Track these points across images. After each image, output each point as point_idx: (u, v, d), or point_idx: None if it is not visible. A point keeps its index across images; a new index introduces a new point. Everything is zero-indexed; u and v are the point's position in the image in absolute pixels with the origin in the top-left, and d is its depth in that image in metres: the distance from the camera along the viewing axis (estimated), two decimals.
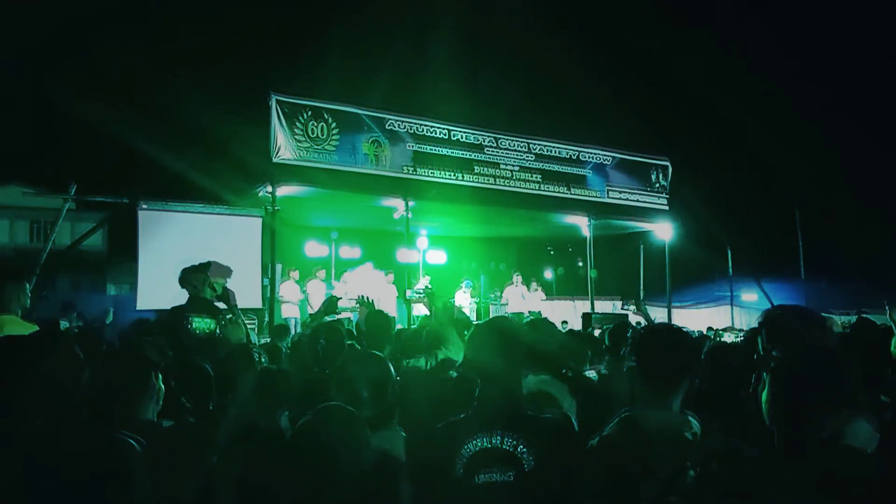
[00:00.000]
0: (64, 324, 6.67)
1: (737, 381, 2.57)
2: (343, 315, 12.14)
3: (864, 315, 7.35)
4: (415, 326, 9.18)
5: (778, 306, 2.88)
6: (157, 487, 2.11)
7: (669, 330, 2.65)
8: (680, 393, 2.28)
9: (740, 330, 12.95)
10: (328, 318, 4.22)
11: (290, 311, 12.65)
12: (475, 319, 15.46)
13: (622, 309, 15.62)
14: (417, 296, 13.23)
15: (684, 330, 2.78)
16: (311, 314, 12.49)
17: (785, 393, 1.92)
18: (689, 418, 2.23)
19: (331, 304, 3.87)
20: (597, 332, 7.55)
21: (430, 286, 12.79)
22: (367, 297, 4.30)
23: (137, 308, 10.99)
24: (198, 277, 4.75)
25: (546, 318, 5.24)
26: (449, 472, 2.23)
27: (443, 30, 18.32)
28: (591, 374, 4.91)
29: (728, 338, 11.25)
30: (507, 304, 15.98)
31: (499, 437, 2.24)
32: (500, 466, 2.21)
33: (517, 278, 15.84)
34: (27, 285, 4.60)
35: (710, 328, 12.91)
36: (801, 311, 2.75)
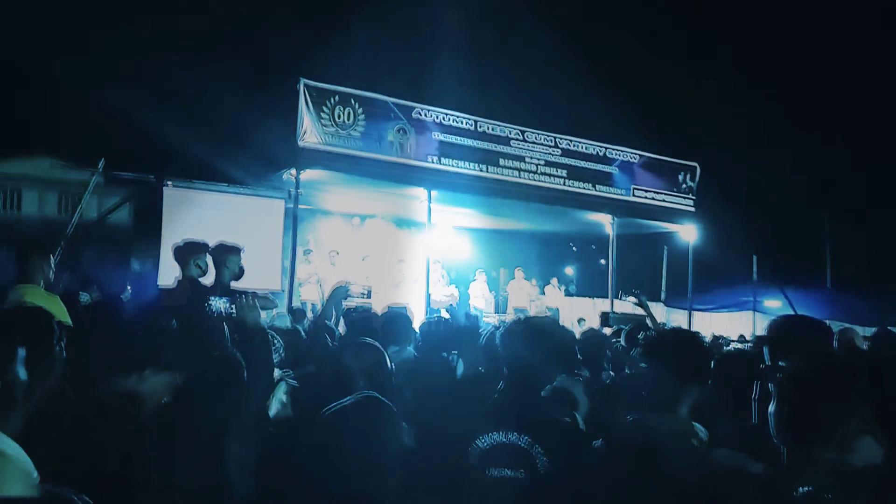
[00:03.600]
0: (84, 297, 6.76)
1: (744, 391, 2.53)
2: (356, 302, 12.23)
3: (889, 328, 7.20)
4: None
5: (783, 316, 2.83)
6: (165, 469, 2.12)
7: (680, 334, 2.61)
8: (688, 399, 2.25)
9: (746, 341, 12.76)
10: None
11: (307, 295, 12.72)
12: (492, 312, 15.48)
13: (621, 300, 15.46)
14: (445, 299, 13.35)
15: (697, 335, 2.74)
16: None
17: (790, 406, 1.88)
18: (696, 426, 2.21)
19: (338, 293, 3.85)
20: (607, 331, 7.48)
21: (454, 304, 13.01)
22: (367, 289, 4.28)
23: (159, 284, 11.12)
24: (199, 257, 4.77)
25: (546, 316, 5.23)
26: (461, 461, 2.23)
27: (472, 23, 18.23)
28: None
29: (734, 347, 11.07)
30: (507, 297, 15.99)
31: (515, 435, 2.24)
32: (514, 463, 2.22)
33: (519, 273, 15.77)
34: (51, 257, 4.67)
35: (741, 336, 12.72)
36: (807, 322, 2.70)
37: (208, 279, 5.00)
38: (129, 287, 7.56)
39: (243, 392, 2.60)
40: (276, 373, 3.51)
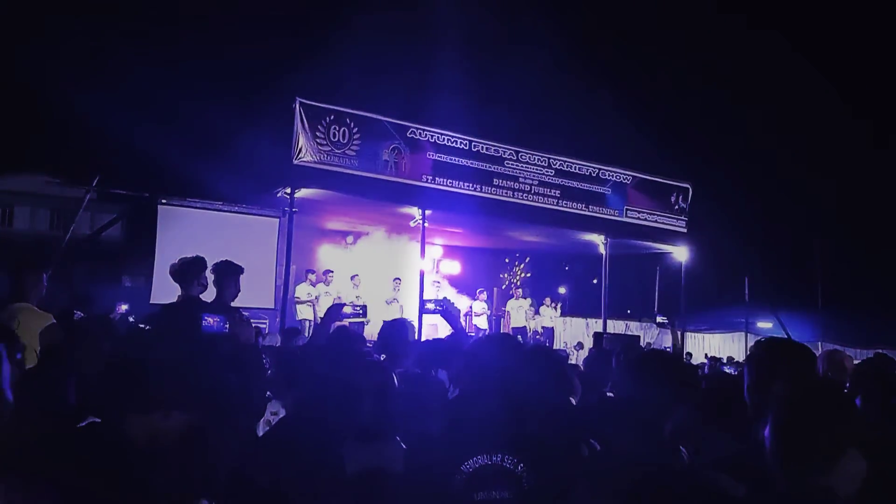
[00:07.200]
0: (79, 315, 6.73)
1: (729, 412, 2.56)
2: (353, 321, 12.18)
3: (881, 352, 7.23)
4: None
5: (766, 339, 2.86)
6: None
7: (665, 355, 2.64)
8: (672, 420, 2.27)
9: (737, 363, 12.82)
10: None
11: (305, 314, 12.68)
12: (488, 330, 15.47)
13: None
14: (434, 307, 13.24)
15: (682, 357, 2.78)
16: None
17: (782, 429, 1.90)
18: (679, 448, 2.22)
19: (335, 310, 3.87)
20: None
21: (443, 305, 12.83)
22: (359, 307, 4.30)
23: (151, 301, 11.09)
24: (202, 275, 4.79)
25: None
26: (447, 487, 2.22)
27: (468, 44, 18.41)
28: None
29: (728, 369, 11.19)
30: (503, 317, 15.98)
31: (499, 457, 2.22)
32: (500, 484, 2.20)
33: (518, 292, 15.77)
34: (44, 276, 4.68)
35: (730, 357, 12.83)
36: (788, 345, 2.72)
37: (206, 297, 5.00)
38: (121, 304, 7.54)
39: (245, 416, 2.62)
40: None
